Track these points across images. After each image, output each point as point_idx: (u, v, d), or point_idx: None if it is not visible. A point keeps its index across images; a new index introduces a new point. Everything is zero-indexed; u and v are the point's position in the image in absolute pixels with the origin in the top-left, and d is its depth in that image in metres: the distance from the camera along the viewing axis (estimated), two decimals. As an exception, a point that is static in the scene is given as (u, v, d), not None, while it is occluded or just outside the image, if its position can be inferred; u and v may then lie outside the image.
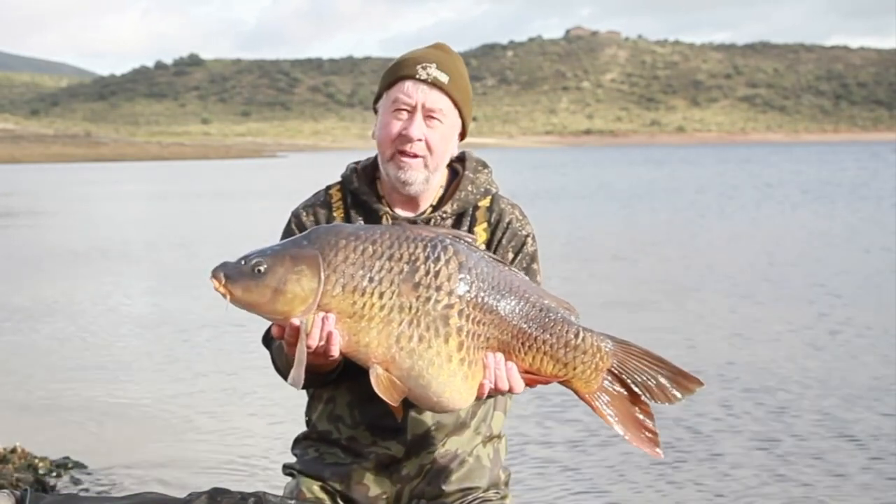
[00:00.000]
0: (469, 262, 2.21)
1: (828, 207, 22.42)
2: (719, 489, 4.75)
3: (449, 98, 2.47)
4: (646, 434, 2.28)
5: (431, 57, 2.49)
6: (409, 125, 2.44)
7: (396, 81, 2.47)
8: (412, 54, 2.52)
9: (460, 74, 2.51)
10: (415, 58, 2.49)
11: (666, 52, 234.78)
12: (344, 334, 2.18)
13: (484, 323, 2.21)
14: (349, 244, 2.19)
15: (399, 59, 2.53)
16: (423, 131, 2.45)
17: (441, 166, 2.51)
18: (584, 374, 2.26)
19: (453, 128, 2.51)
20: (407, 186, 2.48)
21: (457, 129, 2.53)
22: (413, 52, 2.53)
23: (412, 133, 2.43)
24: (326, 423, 2.53)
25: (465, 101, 2.51)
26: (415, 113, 2.45)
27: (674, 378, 2.27)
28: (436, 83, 2.45)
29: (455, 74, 2.49)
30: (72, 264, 13.91)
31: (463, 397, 2.22)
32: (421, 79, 2.45)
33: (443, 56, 2.51)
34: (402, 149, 2.45)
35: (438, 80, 2.46)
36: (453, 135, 2.52)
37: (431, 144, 2.46)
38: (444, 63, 2.48)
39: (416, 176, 2.47)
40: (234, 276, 2.16)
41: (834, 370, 7.00)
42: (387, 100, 2.49)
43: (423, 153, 2.46)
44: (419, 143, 2.44)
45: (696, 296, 10.37)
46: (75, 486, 4.82)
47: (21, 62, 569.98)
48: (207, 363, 7.52)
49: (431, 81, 2.45)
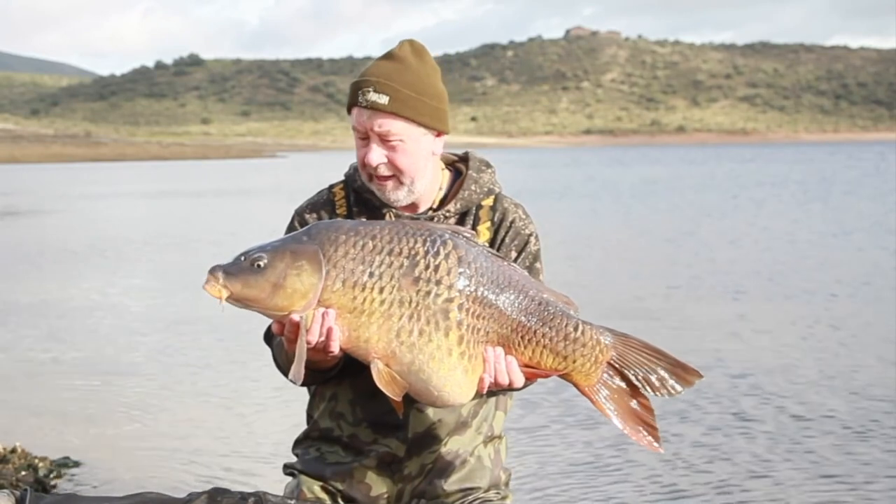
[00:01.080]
0: (468, 256, 2.22)
1: (829, 207, 22.42)
2: (720, 489, 4.74)
3: (395, 117, 2.40)
4: (645, 428, 2.28)
5: (370, 78, 2.41)
6: (367, 152, 2.42)
7: (351, 107, 2.46)
8: (362, 74, 2.45)
9: (408, 84, 2.40)
10: (357, 82, 2.44)
11: (666, 52, 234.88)
12: (344, 330, 2.18)
13: (484, 317, 2.21)
14: (349, 239, 2.20)
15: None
16: (381, 156, 2.41)
17: (420, 178, 2.46)
18: (583, 367, 2.26)
19: (416, 140, 2.43)
20: (394, 202, 2.48)
21: (424, 137, 2.45)
22: (362, 72, 2.46)
23: (371, 161, 2.42)
24: (328, 420, 2.53)
25: (418, 111, 2.41)
26: (370, 140, 2.42)
27: (673, 370, 2.27)
28: (374, 107, 2.39)
29: (396, 90, 2.39)
30: (71, 263, 13.91)
31: (463, 391, 2.22)
32: (363, 106, 2.40)
33: (384, 71, 2.41)
34: (373, 173, 2.45)
35: (377, 104, 2.38)
36: (420, 146, 2.44)
37: (397, 164, 2.42)
38: (382, 82, 2.39)
39: (396, 195, 2.46)
40: (233, 272, 2.16)
41: (836, 369, 7.00)
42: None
43: (391, 173, 2.44)
44: (382, 165, 2.42)
45: (696, 293, 10.38)
46: (75, 486, 4.81)
47: (21, 62, 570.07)
48: (208, 363, 7.51)
49: (370, 107, 2.39)
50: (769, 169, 48.36)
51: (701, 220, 19.62)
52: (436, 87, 2.46)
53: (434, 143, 2.49)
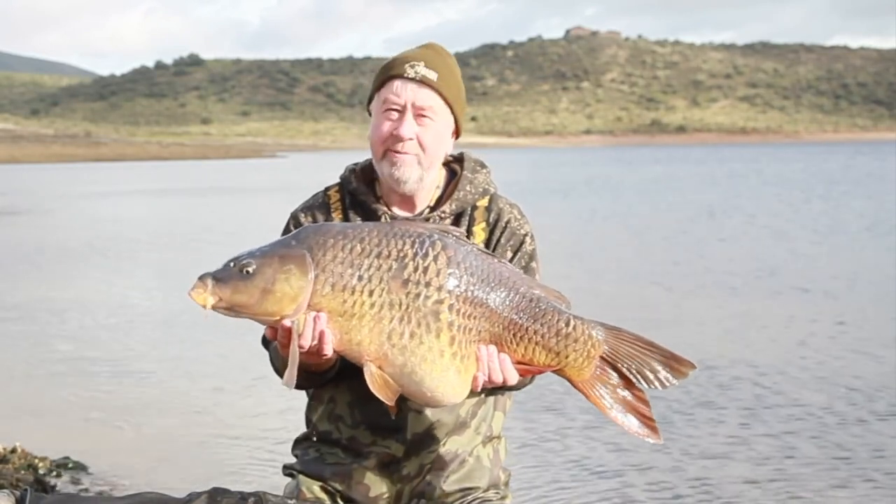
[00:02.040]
0: (458, 256, 2.22)
1: (828, 207, 22.42)
2: (720, 488, 4.75)
3: (439, 95, 2.46)
4: (641, 419, 2.28)
5: (420, 55, 2.47)
6: (399, 125, 2.44)
7: (386, 81, 2.47)
8: (401, 54, 2.51)
9: (451, 72, 2.49)
10: (403, 57, 2.48)
11: (666, 52, 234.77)
12: (336, 333, 2.18)
13: (475, 316, 2.21)
14: (337, 243, 2.20)
15: (390, 59, 2.52)
16: (413, 130, 2.44)
17: (435, 165, 2.50)
18: (576, 362, 2.26)
19: (446, 126, 2.49)
20: (402, 184, 2.47)
21: (450, 127, 2.51)
22: (402, 53, 2.51)
23: (402, 132, 2.43)
24: (327, 423, 2.53)
25: (456, 99, 2.49)
26: (405, 112, 2.44)
27: (666, 362, 2.26)
28: (424, 81, 2.44)
29: (445, 72, 2.47)
30: (71, 263, 13.91)
31: (457, 391, 2.23)
32: (409, 77, 2.44)
33: (432, 54, 2.49)
34: (393, 148, 2.45)
35: (427, 77, 2.44)
36: (446, 133, 2.51)
37: (424, 142, 2.45)
38: (432, 61, 2.47)
39: (410, 173, 2.46)
40: (222, 279, 2.16)
41: (836, 368, 7.00)
42: (378, 100, 2.49)
43: (415, 151, 2.45)
44: (410, 142, 2.44)
45: (697, 291, 10.38)
46: (75, 486, 4.82)
47: (21, 62, 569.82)
48: (207, 362, 7.51)
49: (420, 79, 2.44)
50: (769, 169, 48.32)
51: (700, 220, 19.61)
52: (464, 89, 2.55)
53: (451, 139, 2.54)
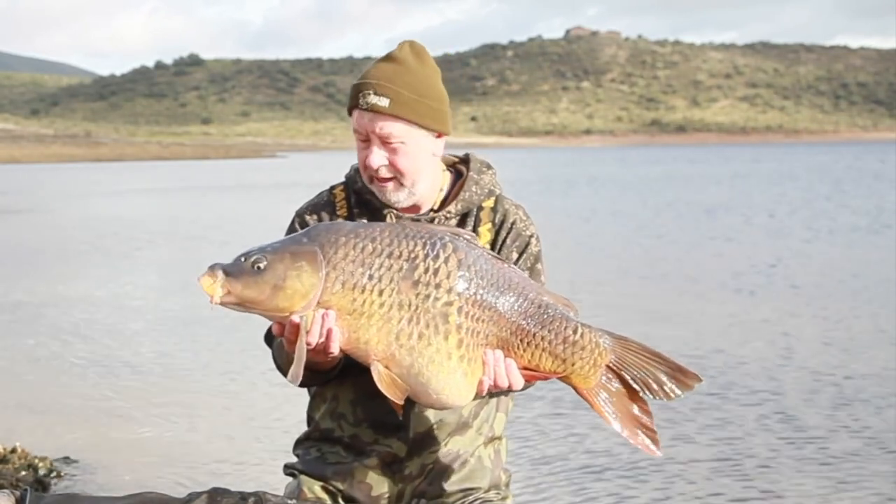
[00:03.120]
0: (468, 259, 2.21)
1: (829, 206, 22.44)
2: (721, 488, 4.74)
3: (396, 120, 2.40)
4: (644, 431, 2.27)
5: (371, 80, 2.41)
6: (368, 154, 2.43)
7: (351, 110, 2.46)
8: (361, 77, 2.45)
9: (408, 86, 2.40)
10: (357, 84, 2.44)
11: (666, 52, 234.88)
12: (344, 331, 2.18)
13: (483, 320, 2.21)
14: (349, 241, 2.19)
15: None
16: (382, 158, 2.42)
17: (421, 180, 2.47)
18: (582, 369, 2.25)
19: (417, 142, 2.43)
20: (395, 204, 2.48)
21: (425, 139, 2.45)
22: (362, 74, 2.45)
23: (371, 163, 2.42)
24: (329, 420, 2.53)
25: (419, 113, 2.41)
26: (370, 142, 2.43)
27: (672, 374, 2.26)
28: (375, 110, 2.39)
29: (398, 92, 2.39)
30: (71, 262, 13.91)
31: (462, 394, 2.22)
32: (363, 108, 2.40)
33: (386, 72, 2.41)
34: (373, 175, 2.45)
35: (377, 106, 2.38)
36: (421, 148, 2.44)
37: (398, 166, 2.43)
38: (382, 85, 2.39)
39: (397, 196, 2.46)
40: (233, 273, 2.15)
41: (838, 367, 7.00)
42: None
43: (392, 175, 2.44)
44: (384, 168, 2.43)
45: (696, 290, 10.38)
46: (75, 486, 4.81)
47: (21, 62, 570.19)
48: (207, 362, 7.51)
49: (371, 110, 2.39)
50: (770, 168, 48.34)
51: (701, 219, 19.62)
52: (436, 89, 2.46)
53: (435, 144, 2.48)
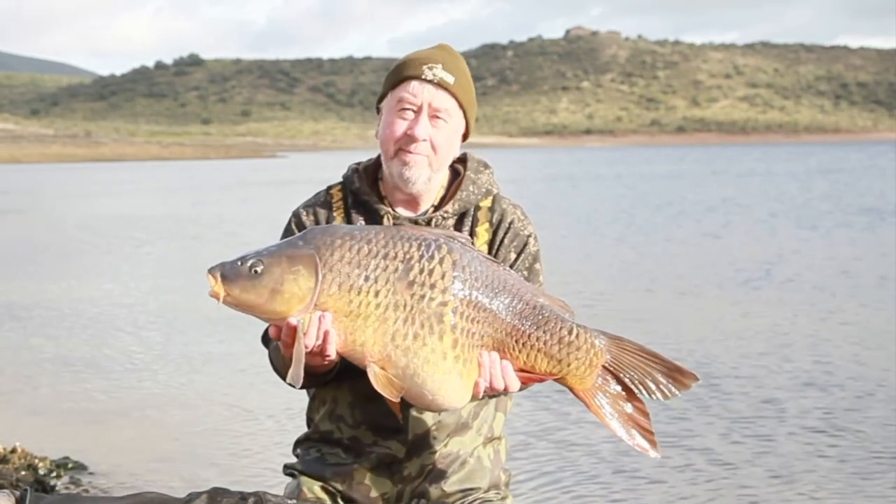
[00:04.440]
0: (463, 260, 2.22)
1: (829, 205, 22.44)
2: (721, 488, 4.74)
3: (454, 98, 2.49)
4: (641, 432, 2.27)
5: (437, 57, 2.50)
6: (414, 125, 2.45)
7: (402, 81, 2.48)
8: (417, 55, 2.52)
9: (465, 76, 2.53)
10: (420, 58, 2.50)
11: (666, 52, 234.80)
12: (340, 333, 2.19)
13: (478, 321, 2.21)
14: (345, 244, 2.20)
15: (403, 59, 2.53)
16: (427, 131, 2.46)
17: (444, 166, 2.53)
18: (578, 370, 2.25)
19: (457, 128, 2.53)
20: (410, 184, 2.48)
21: (461, 129, 2.55)
22: (418, 53, 2.53)
23: (417, 133, 2.45)
24: (328, 422, 2.53)
25: (469, 102, 2.54)
26: (420, 113, 2.46)
27: (669, 374, 2.25)
28: (441, 84, 2.47)
29: (460, 75, 2.51)
30: (71, 262, 13.92)
31: (458, 396, 2.22)
32: (427, 79, 2.46)
33: (448, 57, 2.52)
34: (406, 148, 2.46)
35: (444, 80, 2.47)
36: (457, 135, 2.54)
37: (436, 144, 2.47)
38: (449, 64, 2.50)
39: (420, 174, 2.47)
40: (231, 277, 2.16)
41: (837, 367, 7.00)
42: (391, 99, 2.50)
43: (426, 152, 2.47)
44: (423, 143, 2.45)
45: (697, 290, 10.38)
46: (75, 486, 4.82)
47: (21, 62, 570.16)
48: (207, 362, 7.52)
49: (437, 82, 2.47)
50: (769, 168, 48.34)
51: (700, 219, 19.62)
52: (475, 93, 2.59)
53: (459, 141, 2.57)
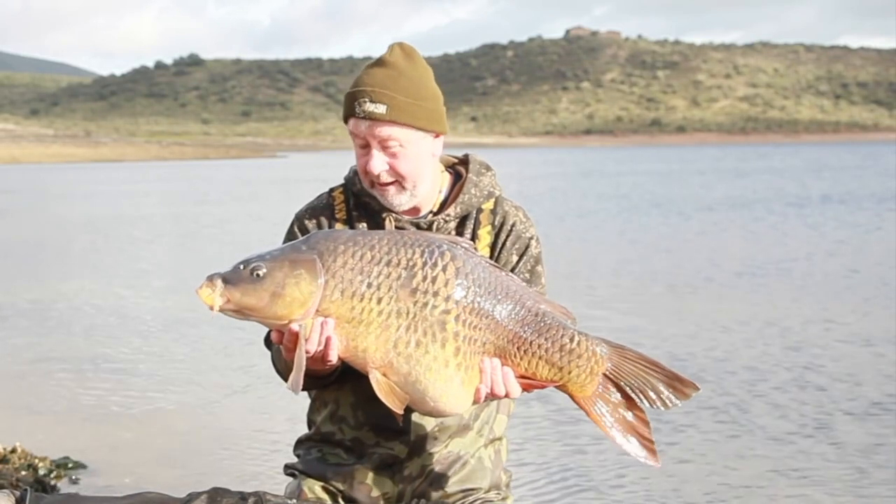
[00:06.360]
0: (466, 267, 2.22)
1: (830, 205, 22.45)
2: (721, 488, 4.74)
3: (395, 125, 2.40)
4: (641, 441, 2.27)
5: (366, 87, 2.40)
6: (368, 160, 2.43)
7: (347, 118, 2.45)
8: (354, 84, 2.44)
9: (402, 89, 2.40)
10: (353, 92, 2.43)
11: (666, 52, 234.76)
12: (342, 339, 2.18)
13: (480, 328, 2.21)
14: (347, 249, 2.20)
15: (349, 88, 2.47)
16: (383, 163, 2.42)
17: (422, 180, 2.47)
18: (579, 378, 2.25)
19: (416, 144, 2.44)
20: (396, 207, 2.48)
21: (424, 140, 2.45)
22: (355, 80, 2.45)
23: (372, 169, 2.42)
24: (330, 424, 2.53)
25: (416, 116, 2.41)
26: (370, 147, 2.43)
27: (670, 382, 2.25)
28: (372, 117, 2.39)
29: (392, 97, 2.39)
30: (71, 262, 13.91)
31: (460, 402, 2.23)
32: (360, 116, 2.40)
33: (380, 78, 2.41)
34: (374, 181, 2.45)
35: (374, 114, 2.39)
36: (421, 150, 2.45)
37: (398, 170, 2.43)
38: (377, 91, 2.39)
39: (399, 199, 2.46)
40: (232, 281, 2.15)
41: (836, 367, 7.01)
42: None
43: (393, 179, 2.44)
44: (384, 173, 2.43)
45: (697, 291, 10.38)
46: (75, 486, 4.82)
47: (21, 62, 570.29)
48: (207, 363, 7.51)
49: (368, 117, 2.39)
50: (769, 168, 48.35)
51: (702, 219, 19.63)
52: (430, 89, 2.46)
53: (434, 144, 2.49)
